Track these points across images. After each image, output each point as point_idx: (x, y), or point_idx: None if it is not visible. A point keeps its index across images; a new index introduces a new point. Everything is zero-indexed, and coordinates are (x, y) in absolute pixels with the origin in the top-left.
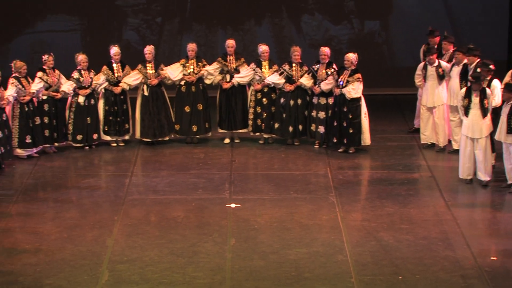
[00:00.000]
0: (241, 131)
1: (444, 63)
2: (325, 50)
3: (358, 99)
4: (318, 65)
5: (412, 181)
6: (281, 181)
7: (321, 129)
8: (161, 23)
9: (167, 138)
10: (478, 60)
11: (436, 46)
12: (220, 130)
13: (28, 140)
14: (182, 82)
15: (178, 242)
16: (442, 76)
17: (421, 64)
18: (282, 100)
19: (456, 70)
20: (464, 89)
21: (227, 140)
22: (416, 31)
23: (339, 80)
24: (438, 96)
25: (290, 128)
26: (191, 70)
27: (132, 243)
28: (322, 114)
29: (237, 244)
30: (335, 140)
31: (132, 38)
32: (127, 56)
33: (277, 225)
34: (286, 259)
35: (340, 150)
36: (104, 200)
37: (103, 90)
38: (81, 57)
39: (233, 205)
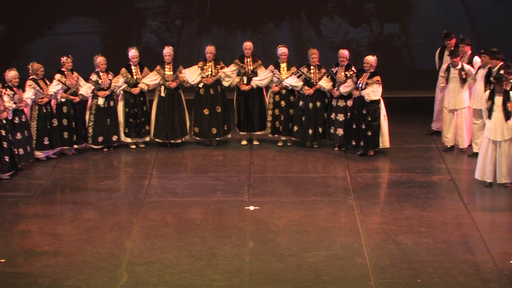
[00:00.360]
0: (258, 133)
1: (467, 66)
2: (344, 52)
3: (377, 102)
4: (337, 68)
5: (431, 184)
6: (299, 184)
7: (340, 131)
8: (180, 26)
9: (179, 141)
10: (502, 63)
11: (452, 48)
12: (241, 133)
13: (46, 142)
14: (201, 85)
15: (197, 244)
16: (464, 79)
17: (444, 66)
18: (301, 103)
19: (481, 73)
20: (487, 91)
21: (244, 142)
22: (435, 33)
23: (358, 82)
24: (460, 98)
25: (310, 131)
26: (209, 72)
27: (150, 245)
28: (341, 117)
29: (256, 246)
30: (353, 143)
31: (152, 41)
32: (146, 58)
33: (296, 227)
34: (305, 262)
35: (358, 152)
36: (123, 202)
37: (121, 92)
38: (99, 59)
39: (251, 208)
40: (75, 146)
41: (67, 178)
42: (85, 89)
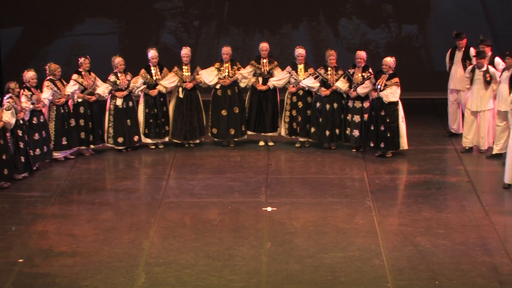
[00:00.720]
0: (269, 134)
1: (492, 69)
2: (361, 53)
3: (396, 103)
4: (354, 69)
5: (450, 186)
6: (317, 185)
7: (356, 133)
8: (199, 26)
9: (198, 141)
10: None
11: (464, 49)
12: (249, 132)
13: (64, 142)
14: (218, 86)
15: (214, 245)
16: (488, 82)
17: (470, 67)
18: (318, 104)
19: (506, 75)
20: None
21: (261, 143)
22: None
23: (377, 84)
24: (484, 100)
25: (327, 133)
26: (226, 73)
27: (168, 245)
28: (357, 118)
29: (273, 247)
30: (372, 145)
31: (170, 41)
32: (164, 59)
33: (313, 229)
34: (322, 263)
35: (376, 154)
36: (141, 202)
37: (140, 93)
38: (118, 60)
39: (269, 209)
40: (92, 146)
41: (84, 179)
42: (102, 89)
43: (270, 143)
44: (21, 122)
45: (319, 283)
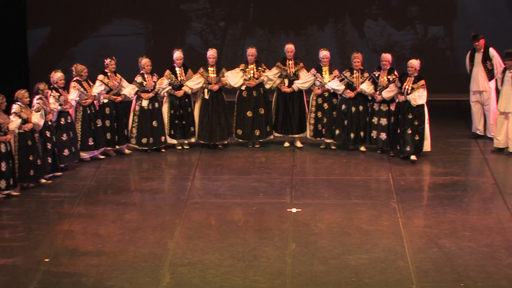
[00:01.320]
0: (297, 135)
1: None
2: (387, 56)
3: (423, 106)
4: (379, 72)
5: (475, 188)
6: (342, 186)
7: (383, 135)
8: (224, 28)
9: (225, 142)
10: None
11: (482, 50)
12: (276, 134)
13: (91, 142)
14: (243, 87)
15: (239, 245)
16: None
17: (501, 68)
18: (343, 106)
19: (510, 75)
20: None
21: (286, 144)
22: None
23: (403, 87)
24: None
25: (352, 135)
26: (251, 75)
27: (193, 246)
28: (384, 121)
29: (298, 248)
30: (398, 148)
31: (196, 42)
32: (190, 60)
33: (338, 230)
34: (347, 265)
35: (401, 156)
36: (166, 203)
37: (166, 94)
38: (144, 61)
39: (293, 210)
40: (117, 146)
41: (110, 179)
42: (129, 89)
43: (299, 145)
44: (49, 123)
45: (344, 284)
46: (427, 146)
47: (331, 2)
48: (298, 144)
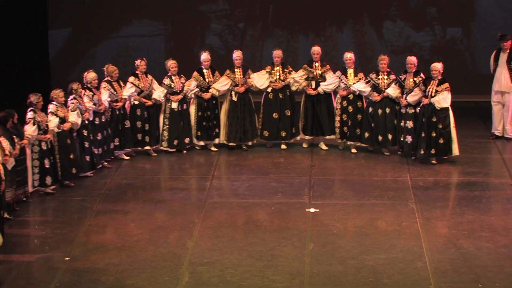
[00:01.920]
0: (327, 137)
1: None
2: (412, 59)
3: (447, 109)
4: (405, 75)
5: (493, 188)
6: (360, 187)
7: (409, 138)
8: (244, 29)
9: (250, 143)
10: None
11: (508, 51)
12: (306, 137)
13: (116, 142)
14: (269, 89)
15: (258, 245)
16: None
17: None
18: (370, 109)
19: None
20: None
21: (305, 145)
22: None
23: (427, 90)
24: None
25: (380, 137)
26: (277, 76)
27: (212, 245)
28: (410, 124)
29: (316, 248)
30: (422, 152)
31: (215, 43)
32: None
33: (356, 230)
34: (365, 265)
35: (421, 158)
36: (186, 202)
37: (193, 96)
38: (170, 63)
39: (312, 210)
40: (147, 147)
41: (132, 179)
42: (158, 93)
43: (324, 147)
44: (86, 122)
45: (362, 284)
46: (455, 150)
47: (350, 4)
48: (323, 146)
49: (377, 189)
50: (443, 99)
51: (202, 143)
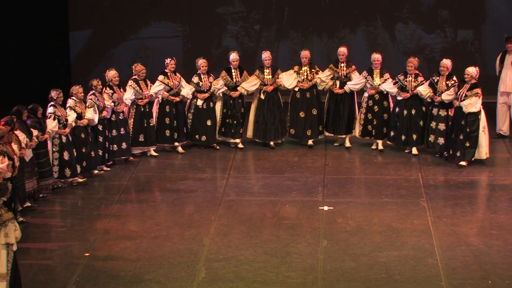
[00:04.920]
0: (344, 136)
1: None
2: (446, 62)
3: (477, 113)
4: (438, 77)
5: (503, 187)
6: (373, 185)
7: (441, 140)
8: (259, 30)
9: (279, 141)
10: None
11: None
12: (326, 133)
13: (141, 139)
14: (297, 89)
15: (272, 242)
16: None
17: None
18: (397, 109)
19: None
20: None
21: (337, 144)
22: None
23: (459, 93)
24: None
25: (403, 137)
26: (305, 76)
27: (227, 242)
28: (442, 126)
29: (329, 245)
30: (446, 154)
31: (231, 45)
32: (226, 61)
33: (368, 228)
34: (377, 262)
35: (462, 163)
36: (202, 200)
37: (220, 94)
38: (200, 62)
39: (325, 208)
40: (176, 143)
41: (150, 176)
42: (186, 90)
43: (348, 144)
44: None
45: (374, 280)
46: (481, 154)
47: (363, 6)
48: (347, 143)
49: (389, 187)
50: (470, 104)
51: (226, 139)
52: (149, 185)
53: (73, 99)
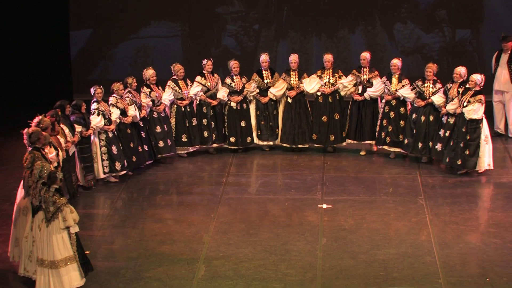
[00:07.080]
0: (368, 142)
1: None
2: (459, 69)
3: (478, 121)
4: (451, 84)
5: (500, 185)
6: (371, 184)
7: (439, 147)
8: (258, 30)
9: (307, 145)
10: None
11: (510, 52)
12: (348, 141)
13: (184, 139)
14: (319, 93)
15: (271, 240)
16: None
17: None
18: (414, 115)
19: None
20: None
21: (363, 152)
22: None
23: (462, 99)
24: None
25: (420, 144)
26: (327, 80)
27: (227, 240)
28: (448, 133)
29: (328, 243)
30: (448, 160)
31: (230, 44)
32: (225, 61)
33: (367, 226)
34: (375, 259)
35: (460, 172)
36: (202, 198)
37: (253, 98)
38: (232, 63)
39: (324, 206)
40: (215, 145)
41: (157, 176)
42: (222, 93)
43: (362, 153)
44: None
45: (372, 278)
46: (481, 164)
47: (362, 6)
48: (374, 148)
49: (387, 186)
50: (473, 110)
51: (261, 142)
52: (151, 184)
53: (114, 96)
